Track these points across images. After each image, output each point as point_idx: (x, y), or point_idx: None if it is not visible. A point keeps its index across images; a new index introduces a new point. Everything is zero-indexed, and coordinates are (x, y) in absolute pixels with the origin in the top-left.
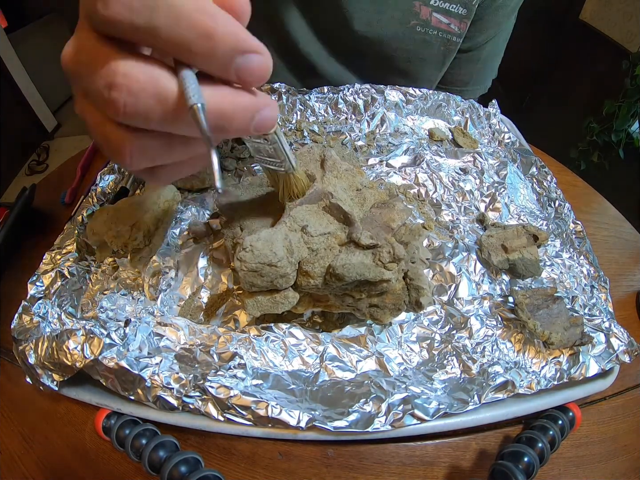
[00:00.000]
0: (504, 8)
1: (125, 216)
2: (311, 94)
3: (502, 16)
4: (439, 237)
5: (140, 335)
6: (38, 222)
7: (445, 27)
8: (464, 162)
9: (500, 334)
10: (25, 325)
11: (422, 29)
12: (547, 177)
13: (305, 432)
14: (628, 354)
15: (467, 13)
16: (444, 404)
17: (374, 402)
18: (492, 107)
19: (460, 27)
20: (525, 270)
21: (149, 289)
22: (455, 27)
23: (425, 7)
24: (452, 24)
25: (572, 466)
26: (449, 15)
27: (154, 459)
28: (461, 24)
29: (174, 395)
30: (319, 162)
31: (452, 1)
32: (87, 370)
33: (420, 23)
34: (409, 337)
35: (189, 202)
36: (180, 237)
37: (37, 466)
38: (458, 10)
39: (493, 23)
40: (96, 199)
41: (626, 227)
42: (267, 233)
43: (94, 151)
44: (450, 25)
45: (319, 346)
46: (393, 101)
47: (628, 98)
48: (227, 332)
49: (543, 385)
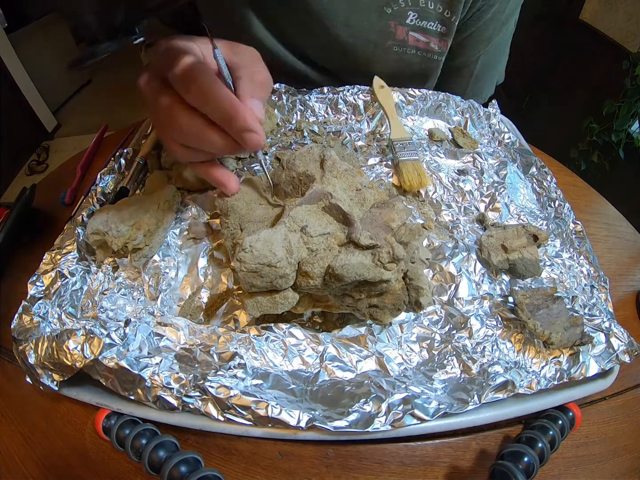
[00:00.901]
0: (494, 22)
1: (125, 216)
2: (311, 94)
3: (492, 29)
4: (439, 237)
5: (140, 335)
6: (38, 222)
7: (424, 45)
8: (464, 163)
9: (500, 334)
10: (25, 325)
11: (399, 49)
12: (547, 177)
13: (305, 432)
14: (628, 354)
15: (447, 30)
16: (444, 404)
17: (374, 402)
18: (492, 107)
19: (440, 45)
20: (525, 270)
21: (149, 289)
22: (435, 45)
23: (402, 27)
24: (432, 43)
25: (572, 466)
26: (426, 33)
27: (154, 459)
28: (441, 42)
29: (174, 395)
30: (318, 162)
31: (428, 19)
32: (87, 370)
33: (396, 43)
34: (409, 337)
35: (189, 202)
36: (180, 237)
37: (37, 466)
38: (437, 27)
39: (482, 38)
40: (96, 199)
41: (626, 227)
42: (266, 233)
43: (94, 151)
44: (429, 44)
45: (319, 346)
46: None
47: (628, 98)
48: (227, 332)
49: (543, 385)
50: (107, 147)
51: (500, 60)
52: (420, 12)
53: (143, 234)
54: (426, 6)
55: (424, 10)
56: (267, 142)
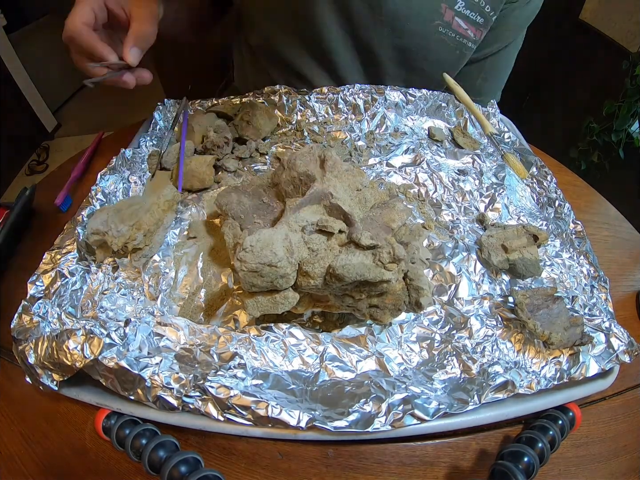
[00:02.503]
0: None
1: (125, 216)
2: (311, 95)
3: (509, 31)
4: (439, 237)
5: (140, 335)
6: (38, 222)
7: (463, 32)
8: (463, 163)
9: (500, 334)
10: (25, 325)
11: (443, 29)
12: (547, 177)
13: (305, 432)
14: (628, 354)
15: (484, 22)
16: (444, 404)
17: (374, 402)
18: (491, 107)
19: (476, 34)
20: (525, 270)
21: (149, 289)
22: (472, 33)
23: (450, 11)
24: (470, 30)
25: (572, 466)
26: (468, 21)
27: (154, 459)
28: (477, 32)
29: (174, 395)
30: (319, 162)
31: (473, 9)
32: (87, 370)
33: (442, 24)
34: (409, 337)
35: (189, 202)
36: (180, 237)
37: (37, 466)
38: (476, 18)
39: (501, 37)
40: (96, 199)
41: (626, 227)
42: (267, 233)
43: (93, 152)
44: (467, 31)
45: (319, 346)
46: (393, 101)
47: (628, 98)
48: (227, 332)
49: (543, 385)
50: (106, 147)
51: (506, 66)
52: (467, 2)
53: (143, 234)
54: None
55: (471, 2)
56: (267, 142)
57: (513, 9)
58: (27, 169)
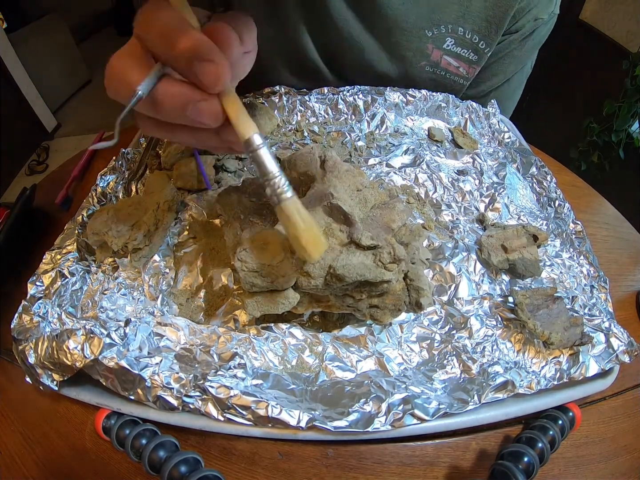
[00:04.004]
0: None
1: (125, 216)
2: (311, 95)
3: (508, 65)
4: (439, 238)
5: (140, 335)
6: (38, 222)
7: (454, 69)
8: (463, 163)
9: (500, 334)
10: (25, 325)
11: (431, 68)
12: (547, 177)
13: (305, 432)
14: (628, 354)
15: (478, 59)
16: (444, 404)
17: (374, 402)
18: (491, 107)
19: (468, 71)
20: (525, 270)
21: (149, 289)
22: (464, 70)
23: (437, 50)
24: (461, 68)
25: (572, 466)
26: (459, 59)
27: (154, 459)
28: (470, 69)
29: (174, 395)
30: (319, 162)
31: (464, 46)
32: (87, 370)
33: (429, 64)
34: (409, 337)
35: (189, 202)
36: (180, 237)
37: (37, 466)
38: (469, 55)
39: (497, 71)
40: (96, 199)
41: (626, 227)
42: (267, 233)
43: (93, 152)
44: (459, 69)
45: (319, 346)
46: (393, 102)
47: (628, 98)
48: (227, 332)
49: (543, 385)
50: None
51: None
52: (457, 39)
53: (143, 234)
54: (464, 35)
55: (462, 39)
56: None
57: (511, 41)
58: (27, 169)
